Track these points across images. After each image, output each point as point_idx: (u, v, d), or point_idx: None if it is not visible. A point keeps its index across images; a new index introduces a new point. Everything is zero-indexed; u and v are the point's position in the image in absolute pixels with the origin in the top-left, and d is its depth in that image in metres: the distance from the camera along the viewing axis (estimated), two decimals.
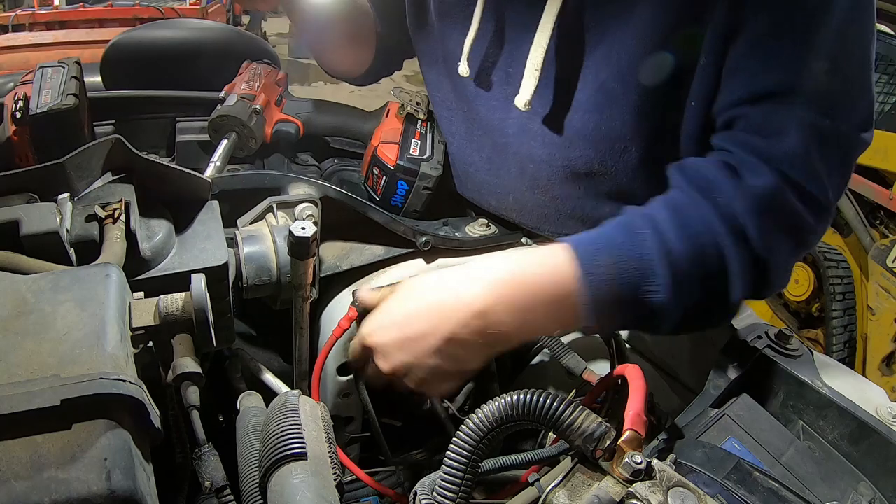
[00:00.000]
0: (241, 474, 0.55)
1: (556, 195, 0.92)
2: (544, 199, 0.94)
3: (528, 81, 0.81)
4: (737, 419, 0.67)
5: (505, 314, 0.62)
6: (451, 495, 0.52)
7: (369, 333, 0.69)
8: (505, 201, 0.99)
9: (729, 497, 0.53)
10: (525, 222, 1.00)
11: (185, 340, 0.54)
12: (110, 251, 0.60)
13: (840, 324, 2.67)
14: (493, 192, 1.00)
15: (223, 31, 1.46)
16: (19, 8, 4.15)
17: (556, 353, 0.88)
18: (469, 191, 1.05)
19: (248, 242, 0.78)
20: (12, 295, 0.49)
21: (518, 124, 0.90)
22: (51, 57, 1.09)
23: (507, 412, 0.51)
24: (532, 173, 0.92)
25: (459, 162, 1.04)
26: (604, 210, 0.93)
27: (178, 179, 0.73)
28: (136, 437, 0.43)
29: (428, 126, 1.07)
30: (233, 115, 0.96)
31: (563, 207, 0.94)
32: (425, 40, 0.99)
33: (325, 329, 0.94)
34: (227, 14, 4.68)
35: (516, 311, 0.63)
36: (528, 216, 0.98)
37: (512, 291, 0.63)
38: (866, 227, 2.61)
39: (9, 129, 0.85)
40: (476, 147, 0.99)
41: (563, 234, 0.90)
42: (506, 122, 0.91)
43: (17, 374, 0.43)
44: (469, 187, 1.05)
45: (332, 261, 0.92)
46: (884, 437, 0.65)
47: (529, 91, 0.81)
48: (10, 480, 0.38)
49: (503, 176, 0.97)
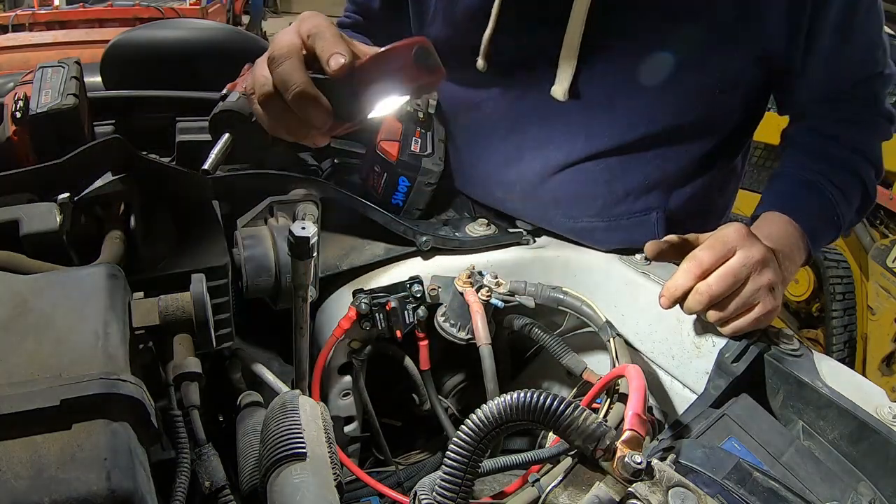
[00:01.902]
0: (241, 474, 0.55)
1: (566, 183, 0.96)
2: (552, 188, 0.97)
3: (565, 71, 0.87)
4: (737, 419, 0.67)
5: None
6: (451, 495, 0.51)
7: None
8: (511, 192, 1.01)
9: (729, 497, 0.53)
10: (525, 213, 1.02)
11: (185, 340, 0.54)
12: (110, 251, 0.60)
13: (840, 324, 2.67)
14: (499, 184, 1.02)
15: (223, 31, 1.46)
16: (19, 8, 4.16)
17: (556, 353, 0.88)
18: (472, 185, 1.06)
19: (248, 242, 0.78)
20: (12, 295, 0.49)
21: (539, 114, 0.93)
22: (51, 57, 1.09)
23: (507, 412, 0.51)
24: (546, 162, 0.96)
25: (466, 156, 1.05)
26: (605, 201, 0.97)
27: (178, 179, 0.73)
28: (136, 437, 0.43)
29: (428, 125, 1.07)
30: (234, 111, 0.96)
31: (567, 197, 0.97)
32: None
33: (324, 329, 0.94)
34: (227, 14, 4.68)
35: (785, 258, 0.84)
36: (530, 207, 1.01)
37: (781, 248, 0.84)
38: (866, 227, 2.61)
39: (9, 129, 0.85)
40: (487, 140, 1.01)
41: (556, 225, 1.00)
42: (526, 112, 0.94)
43: (17, 374, 0.43)
44: (473, 181, 1.06)
45: (332, 261, 0.92)
46: (884, 437, 0.65)
47: (567, 80, 0.88)
48: (10, 480, 0.38)
49: (513, 166, 0.99)
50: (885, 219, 2.65)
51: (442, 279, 0.91)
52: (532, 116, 0.95)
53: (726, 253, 0.75)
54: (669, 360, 0.88)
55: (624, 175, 0.96)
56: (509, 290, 0.88)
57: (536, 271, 0.97)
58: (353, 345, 0.90)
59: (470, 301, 0.83)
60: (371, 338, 0.91)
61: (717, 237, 0.77)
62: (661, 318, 0.87)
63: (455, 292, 0.86)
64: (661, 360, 0.89)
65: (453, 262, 0.95)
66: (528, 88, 0.92)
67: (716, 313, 0.76)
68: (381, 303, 0.86)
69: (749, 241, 0.76)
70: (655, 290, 0.88)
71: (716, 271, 0.75)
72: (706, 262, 0.75)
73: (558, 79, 0.89)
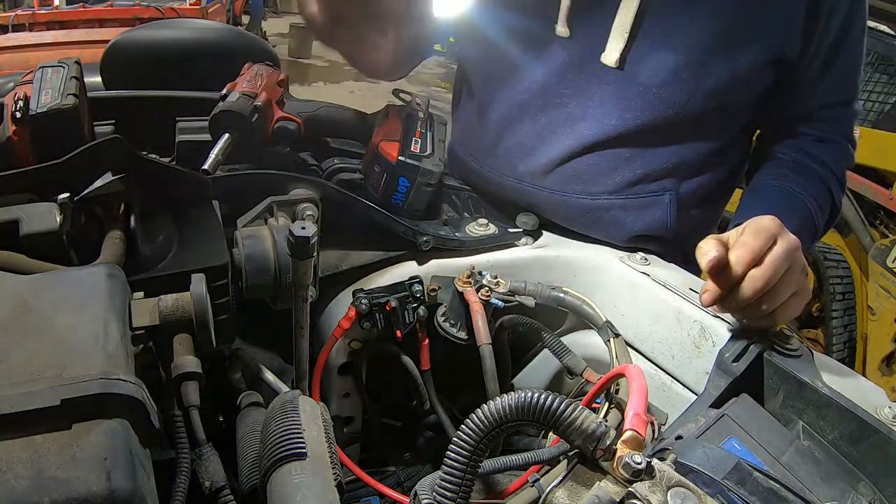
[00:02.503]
0: (241, 474, 0.55)
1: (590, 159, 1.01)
2: (576, 163, 1.01)
3: (617, 40, 0.92)
4: (737, 419, 0.67)
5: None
6: (451, 495, 0.51)
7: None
8: (535, 166, 1.04)
9: (729, 497, 0.53)
10: (545, 186, 1.05)
11: (185, 340, 0.54)
12: (110, 251, 0.60)
13: (840, 324, 2.67)
14: (524, 155, 1.05)
15: (223, 31, 1.46)
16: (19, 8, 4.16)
17: (556, 353, 0.88)
18: (494, 160, 1.10)
19: (248, 242, 0.78)
20: (12, 295, 0.49)
21: (581, 86, 0.98)
22: (51, 57, 1.09)
23: (507, 412, 0.51)
24: (577, 137, 1.00)
25: (495, 127, 1.09)
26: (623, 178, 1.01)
27: (178, 179, 0.73)
28: (136, 437, 0.43)
29: (428, 125, 1.07)
30: (234, 111, 0.96)
31: (589, 173, 1.02)
32: (493, 9, 1.04)
33: (325, 329, 0.94)
34: (227, 14, 4.69)
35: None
36: (550, 183, 1.04)
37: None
38: (866, 227, 2.61)
39: (9, 129, 0.85)
40: (521, 112, 1.04)
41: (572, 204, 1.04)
42: (569, 84, 0.99)
43: (17, 374, 0.43)
44: (497, 155, 1.09)
45: (332, 261, 0.92)
46: (884, 437, 0.65)
47: (618, 50, 0.92)
48: (10, 480, 0.38)
49: (546, 139, 1.03)
50: (885, 219, 2.65)
51: (442, 279, 0.91)
52: (575, 88, 0.99)
53: (770, 239, 0.74)
54: (669, 360, 0.88)
55: (645, 154, 1.00)
56: (509, 290, 0.88)
57: (536, 271, 0.98)
58: (353, 345, 0.90)
59: (470, 301, 0.83)
60: (371, 338, 0.91)
61: (757, 226, 0.76)
62: (661, 318, 0.87)
63: (455, 292, 0.86)
64: (661, 360, 0.89)
65: (453, 262, 0.95)
66: (580, 59, 0.97)
67: (766, 304, 0.74)
68: (381, 303, 0.86)
69: (783, 230, 0.76)
70: (655, 290, 0.88)
71: (766, 258, 0.73)
72: (756, 248, 0.72)
73: (609, 47, 0.93)
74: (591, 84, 0.98)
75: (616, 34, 0.92)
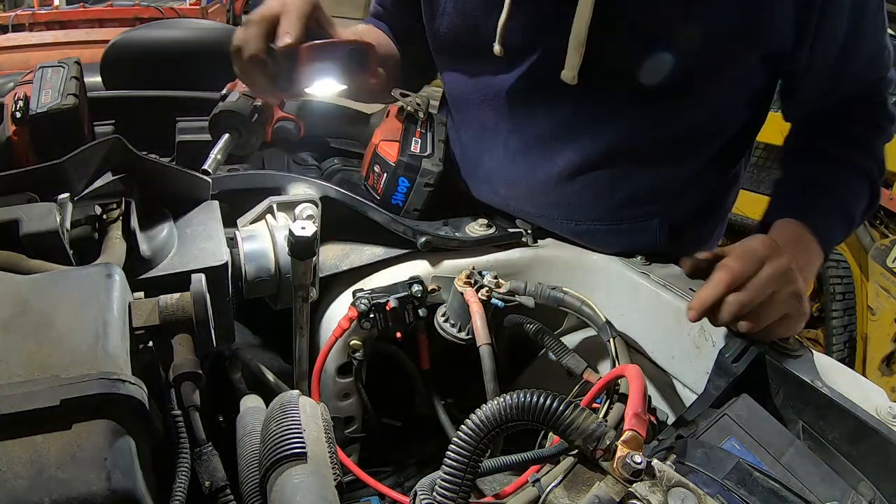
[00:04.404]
0: (241, 474, 0.55)
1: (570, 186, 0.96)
2: (556, 190, 0.97)
3: (573, 57, 0.87)
4: (737, 419, 0.67)
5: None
6: (451, 495, 0.52)
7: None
8: (516, 190, 1.01)
9: (729, 497, 0.53)
10: (527, 214, 1.02)
11: (185, 340, 0.54)
12: (110, 251, 0.60)
13: (840, 324, 2.67)
14: (504, 181, 1.02)
15: (223, 31, 1.46)
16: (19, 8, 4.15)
17: (556, 353, 0.88)
18: (477, 182, 1.06)
19: (248, 242, 0.78)
20: (12, 295, 0.49)
21: (548, 106, 0.93)
22: (51, 57, 1.09)
23: (507, 412, 0.51)
24: (553, 160, 0.96)
25: (473, 151, 1.05)
26: (608, 205, 0.96)
27: (178, 179, 0.73)
28: (136, 437, 0.43)
29: (428, 125, 1.07)
30: (234, 111, 0.96)
31: (570, 200, 0.98)
32: (443, 33, 0.99)
33: (325, 329, 0.94)
34: (227, 14, 4.68)
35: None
36: (533, 207, 1.01)
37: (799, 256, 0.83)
38: (866, 227, 2.61)
39: (9, 129, 0.85)
40: (494, 134, 1.01)
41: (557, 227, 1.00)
42: (536, 104, 0.94)
43: (17, 374, 0.43)
44: (478, 178, 1.06)
45: (332, 261, 0.92)
46: (884, 437, 0.65)
47: (575, 66, 0.87)
48: (10, 480, 0.38)
49: (520, 163, 0.99)
50: (885, 219, 2.65)
51: (442, 279, 0.91)
52: (541, 108, 0.94)
53: (756, 263, 0.75)
54: (669, 360, 0.88)
55: (627, 179, 0.96)
56: (509, 290, 0.88)
57: (536, 271, 0.97)
58: (353, 345, 0.90)
59: (470, 301, 0.83)
60: (371, 338, 0.91)
61: (746, 248, 0.77)
62: (661, 318, 0.87)
63: (455, 292, 0.86)
64: (661, 360, 0.89)
65: (453, 262, 0.95)
66: (539, 77, 0.91)
67: (747, 324, 0.75)
68: (381, 303, 0.86)
69: (776, 252, 0.76)
70: (656, 291, 0.88)
71: (748, 282, 0.74)
72: (737, 271, 0.74)
73: (567, 63, 0.87)
74: (558, 106, 0.93)
75: (572, 49, 0.86)
